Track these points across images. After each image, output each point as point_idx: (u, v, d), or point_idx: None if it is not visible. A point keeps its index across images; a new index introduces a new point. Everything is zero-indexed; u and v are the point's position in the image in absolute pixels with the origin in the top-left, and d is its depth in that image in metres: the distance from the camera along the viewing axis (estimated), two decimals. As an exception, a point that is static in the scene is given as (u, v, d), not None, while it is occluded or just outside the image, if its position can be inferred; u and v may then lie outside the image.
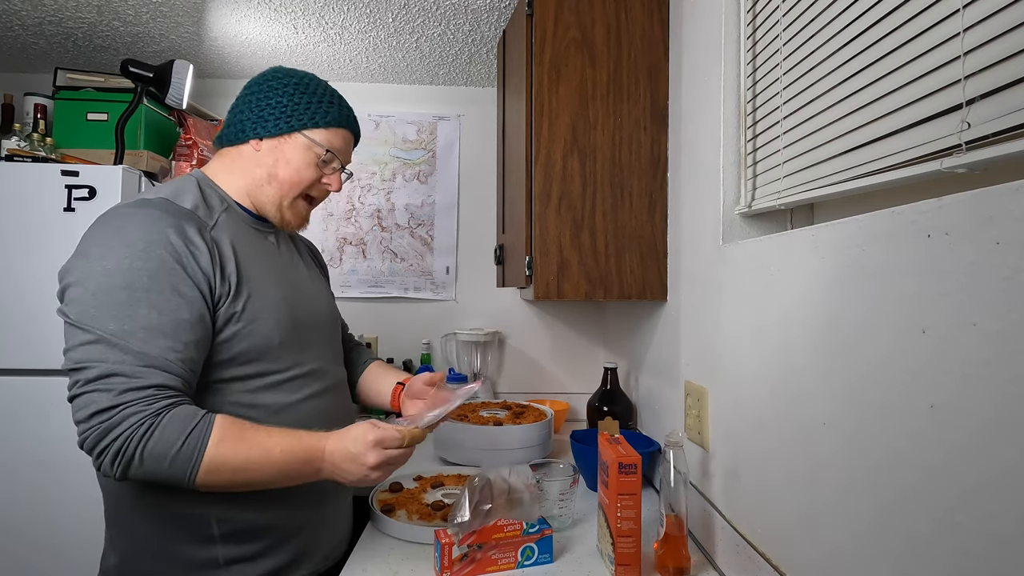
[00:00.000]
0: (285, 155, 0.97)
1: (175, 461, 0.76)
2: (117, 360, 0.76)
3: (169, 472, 0.77)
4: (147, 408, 0.76)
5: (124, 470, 0.76)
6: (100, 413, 0.75)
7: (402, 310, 2.16)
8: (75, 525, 1.39)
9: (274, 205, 0.98)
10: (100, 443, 0.75)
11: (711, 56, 1.08)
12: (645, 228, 1.34)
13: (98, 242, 0.82)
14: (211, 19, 1.70)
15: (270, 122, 0.96)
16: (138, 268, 0.79)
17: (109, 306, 0.78)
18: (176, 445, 0.76)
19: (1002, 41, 0.51)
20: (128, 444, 0.75)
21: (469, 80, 2.14)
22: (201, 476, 0.78)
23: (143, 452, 0.75)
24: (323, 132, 0.98)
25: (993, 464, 0.46)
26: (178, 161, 1.80)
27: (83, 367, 0.77)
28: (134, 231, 0.82)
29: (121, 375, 0.76)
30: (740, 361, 0.94)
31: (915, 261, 0.55)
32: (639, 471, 0.92)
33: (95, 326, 0.77)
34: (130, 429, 0.75)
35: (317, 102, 0.98)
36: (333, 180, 1.01)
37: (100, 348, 0.77)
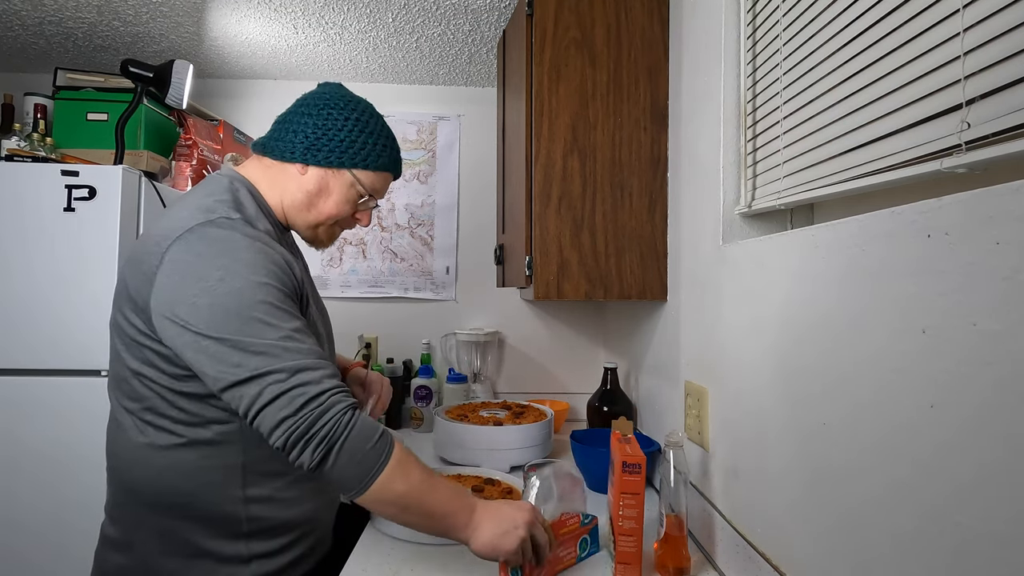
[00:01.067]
0: (328, 188, 0.98)
1: (366, 456, 0.78)
2: (293, 358, 0.78)
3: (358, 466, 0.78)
4: (346, 399, 0.79)
5: (324, 454, 0.76)
6: (311, 400, 0.77)
7: (402, 310, 2.16)
8: (76, 525, 1.39)
9: (308, 227, 1.01)
10: (310, 430, 0.76)
11: (711, 56, 1.08)
12: (645, 228, 1.34)
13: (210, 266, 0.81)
14: (211, 19, 1.70)
15: (322, 153, 0.96)
16: (262, 283, 0.81)
17: (254, 321, 0.79)
18: (370, 441, 0.79)
19: (1002, 41, 0.51)
20: (335, 427, 0.77)
21: (469, 80, 2.14)
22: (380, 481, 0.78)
23: (346, 438, 0.77)
24: (370, 175, 0.99)
25: (993, 464, 0.46)
26: (178, 161, 1.80)
27: (266, 373, 0.77)
28: (242, 251, 0.83)
29: (309, 369, 0.78)
30: (740, 361, 0.94)
31: (915, 261, 0.55)
32: (643, 471, 0.92)
33: (260, 338, 0.78)
34: (338, 414, 0.77)
35: (372, 144, 0.98)
36: (364, 217, 1.05)
37: (271, 357, 0.78)
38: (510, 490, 1.25)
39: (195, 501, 0.87)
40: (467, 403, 1.74)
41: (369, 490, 0.78)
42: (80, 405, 1.40)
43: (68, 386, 1.41)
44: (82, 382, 1.40)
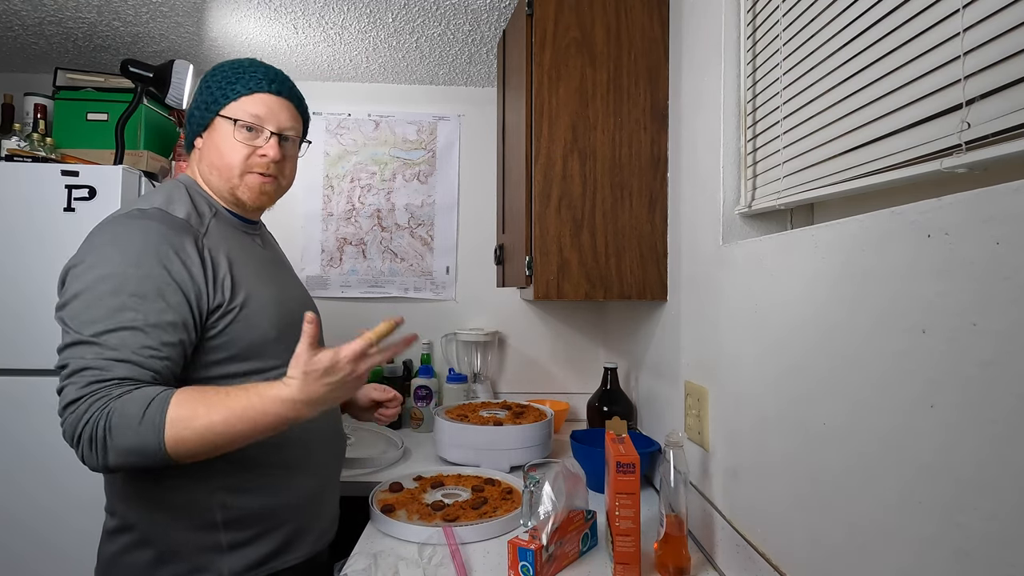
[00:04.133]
0: (214, 142, 0.99)
1: (140, 432, 0.77)
2: (92, 357, 0.80)
3: (139, 445, 0.78)
4: (110, 393, 0.79)
5: (103, 454, 0.78)
6: (70, 404, 0.79)
7: (402, 310, 2.16)
8: (75, 524, 1.39)
9: (227, 190, 1.00)
10: (74, 433, 0.79)
11: (711, 56, 1.08)
12: (645, 228, 1.34)
13: (94, 250, 0.87)
14: (211, 19, 1.70)
15: (197, 117, 1.00)
16: (129, 275, 0.84)
17: (96, 309, 0.82)
18: (138, 417, 0.77)
19: (1002, 41, 0.51)
20: (96, 427, 0.77)
21: (469, 80, 2.14)
22: (169, 442, 0.78)
23: (110, 431, 0.77)
24: (234, 105, 0.98)
25: (994, 464, 0.46)
26: (178, 161, 1.81)
27: (63, 365, 0.81)
28: (129, 241, 0.86)
29: (91, 368, 0.80)
30: (740, 361, 0.94)
31: (915, 261, 0.55)
32: (637, 471, 0.92)
33: (80, 328, 0.81)
34: (95, 413, 0.78)
35: (225, 82, 0.98)
36: (268, 148, 0.99)
37: (80, 348, 0.81)
38: (510, 490, 1.25)
39: (166, 493, 0.90)
40: (467, 403, 1.74)
41: (170, 449, 0.78)
42: (80, 405, 1.40)
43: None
44: (82, 382, 1.40)
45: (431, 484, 1.28)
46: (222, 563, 0.91)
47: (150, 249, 0.85)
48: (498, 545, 1.04)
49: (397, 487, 1.25)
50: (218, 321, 0.90)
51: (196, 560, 0.90)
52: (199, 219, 0.94)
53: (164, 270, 0.85)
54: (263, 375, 0.94)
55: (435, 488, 1.27)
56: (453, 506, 1.15)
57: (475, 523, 1.08)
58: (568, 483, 0.99)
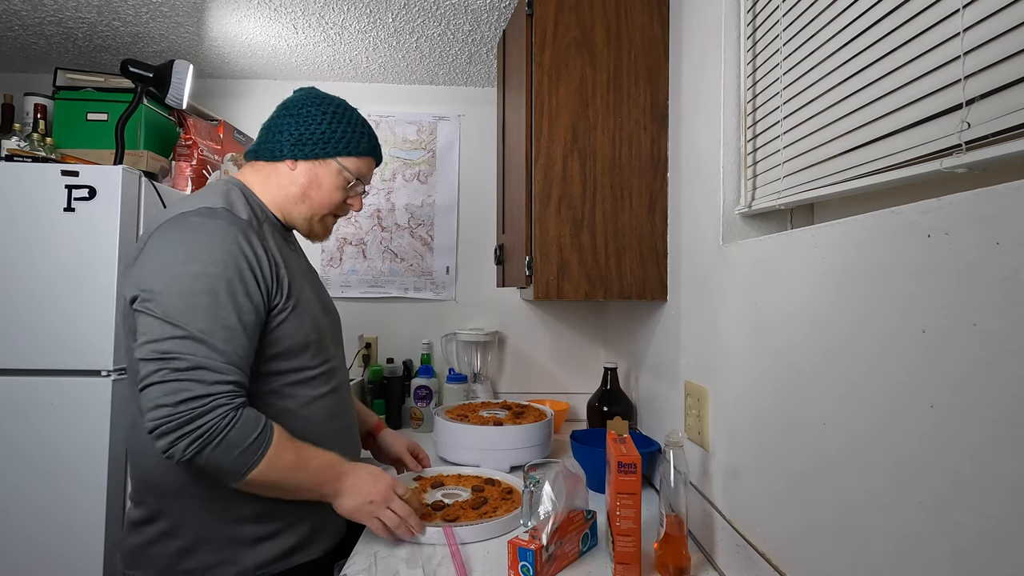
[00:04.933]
0: (318, 178, 1.05)
1: (243, 453, 0.85)
2: (205, 355, 0.85)
3: (233, 462, 0.85)
4: (232, 402, 0.85)
5: (197, 452, 0.83)
6: (192, 400, 0.82)
7: (402, 310, 2.16)
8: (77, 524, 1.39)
9: (305, 220, 1.08)
10: (186, 427, 0.82)
11: (711, 56, 1.08)
12: (645, 228, 1.34)
13: (179, 248, 0.89)
14: (211, 19, 1.70)
15: (307, 146, 1.04)
16: (219, 274, 0.88)
17: (196, 307, 0.86)
18: (249, 438, 0.85)
19: (1002, 41, 0.51)
20: (214, 430, 0.83)
21: (469, 80, 2.14)
22: (257, 471, 0.86)
23: (223, 439, 0.83)
24: (354, 160, 1.07)
25: (993, 464, 0.46)
26: (178, 161, 1.80)
27: (173, 357, 0.84)
28: (211, 239, 0.90)
29: (209, 369, 0.84)
30: (740, 361, 0.94)
31: (915, 261, 0.55)
32: (639, 470, 0.92)
33: (185, 323, 0.85)
34: (218, 418, 0.83)
35: (352, 132, 1.06)
36: (356, 202, 1.12)
37: (189, 343, 0.84)
38: (510, 490, 1.25)
39: (197, 484, 0.92)
40: (467, 403, 1.74)
41: (250, 477, 0.87)
42: (80, 405, 1.40)
43: (68, 386, 1.40)
44: (82, 382, 1.40)
45: (431, 484, 1.28)
46: (247, 555, 0.94)
47: (229, 249, 0.90)
48: (498, 545, 1.04)
49: (397, 487, 1.24)
50: (274, 319, 0.95)
51: (222, 552, 0.93)
52: (258, 222, 1.00)
53: (249, 270, 0.91)
54: (300, 374, 0.99)
55: (435, 488, 1.27)
56: (453, 506, 1.15)
57: (475, 523, 1.08)
58: (568, 483, 0.99)
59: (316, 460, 0.94)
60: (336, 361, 1.10)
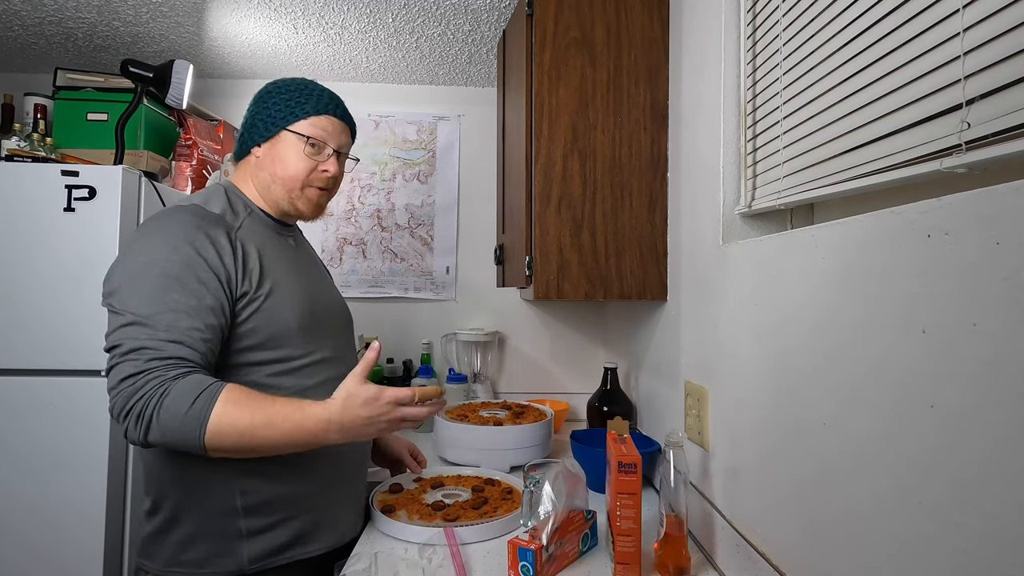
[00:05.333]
0: (277, 153, 1.05)
1: (185, 420, 0.82)
2: (147, 336, 0.85)
3: (181, 431, 0.83)
4: (167, 373, 0.84)
5: (145, 431, 0.83)
6: (127, 379, 0.83)
7: (402, 310, 2.16)
8: (76, 524, 1.39)
9: (286, 200, 1.07)
10: (125, 406, 0.83)
11: (711, 56, 1.08)
12: (645, 228, 1.34)
13: (136, 241, 0.94)
14: (211, 19, 1.70)
15: (260, 128, 1.06)
16: (170, 259, 0.90)
17: (143, 292, 0.88)
18: (187, 405, 0.82)
19: (1002, 41, 0.51)
20: (148, 404, 0.82)
21: (469, 80, 2.14)
22: (209, 436, 0.83)
23: (159, 411, 0.82)
24: (304, 123, 1.05)
25: (993, 464, 0.46)
26: (178, 161, 1.80)
27: (118, 344, 0.86)
28: (167, 230, 0.93)
29: (148, 348, 0.85)
30: (740, 361, 0.94)
31: (915, 261, 0.55)
32: (639, 471, 0.92)
33: (131, 310, 0.87)
34: (151, 391, 0.83)
35: (296, 99, 1.06)
36: (329, 165, 1.07)
37: (134, 328, 0.86)
38: (510, 490, 1.25)
39: (192, 476, 0.94)
40: (467, 403, 1.74)
41: (208, 443, 0.83)
42: (80, 405, 1.40)
43: (68, 386, 1.40)
44: (82, 382, 1.40)
45: (431, 484, 1.28)
46: (241, 549, 0.95)
47: (186, 236, 0.92)
48: (498, 545, 1.04)
49: (397, 487, 1.25)
50: (244, 308, 0.95)
51: (217, 545, 0.94)
52: (234, 216, 1.01)
53: (200, 256, 0.91)
54: (284, 364, 0.99)
55: (435, 488, 1.27)
56: (453, 506, 1.15)
57: (475, 523, 1.08)
58: (568, 483, 0.99)
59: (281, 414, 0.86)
60: (333, 351, 1.07)
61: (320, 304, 1.09)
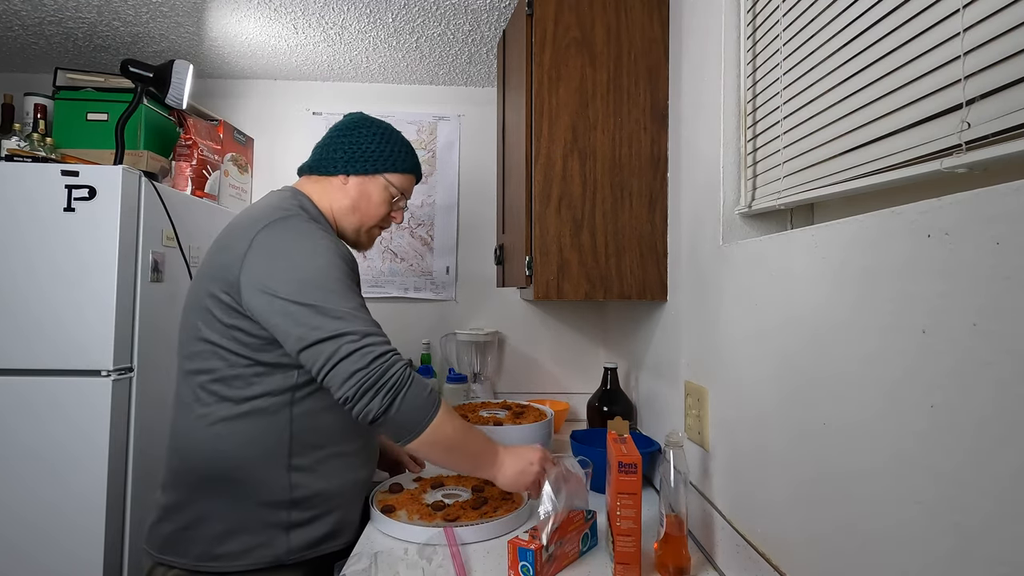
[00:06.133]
0: (368, 192, 1.16)
1: (422, 407, 0.94)
2: (363, 327, 0.94)
3: (416, 413, 0.93)
4: (403, 358, 0.96)
5: (390, 403, 0.91)
6: (379, 357, 0.92)
7: (402, 310, 2.16)
8: (77, 524, 1.39)
9: (354, 231, 1.18)
10: (380, 380, 0.91)
11: (711, 56, 1.08)
12: (645, 228, 1.34)
13: (296, 246, 0.99)
14: (211, 19, 1.70)
15: (359, 163, 1.15)
16: (339, 265, 0.99)
17: (335, 292, 0.95)
18: (423, 394, 0.95)
19: (1002, 41, 0.51)
20: (400, 379, 0.92)
21: (469, 80, 2.14)
22: (433, 425, 0.95)
23: (409, 389, 0.93)
24: (399, 177, 1.18)
25: (994, 465, 0.46)
26: (178, 161, 1.80)
27: (343, 333, 0.92)
28: (320, 239, 1.00)
29: (375, 335, 0.94)
30: (740, 361, 0.94)
31: (915, 261, 0.55)
32: (639, 471, 0.92)
33: (338, 306, 0.94)
34: (401, 369, 0.93)
35: (398, 152, 1.17)
36: (398, 215, 1.23)
37: (346, 322, 0.93)
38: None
39: (246, 468, 0.98)
40: (467, 403, 1.74)
41: (424, 433, 0.94)
42: (80, 405, 1.40)
43: (68, 386, 1.40)
44: (82, 382, 1.40)
45: (431, 484, 1.28)
46: (282, 540, 0.99)
47: (335, 247, 1.01)
48: (498, 545, 1.04)
49: (397, 487, 1.25)
50: None
51: (261, 536, 0.98)
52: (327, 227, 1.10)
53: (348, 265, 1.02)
54: None
55: (435, 488, 1.27)
56: (453, 506, 1.15)
57: (475, 523, 1.08)
58: (568, 483, 0.99)
59: (475, 430, 1.04)
60: None
61: None
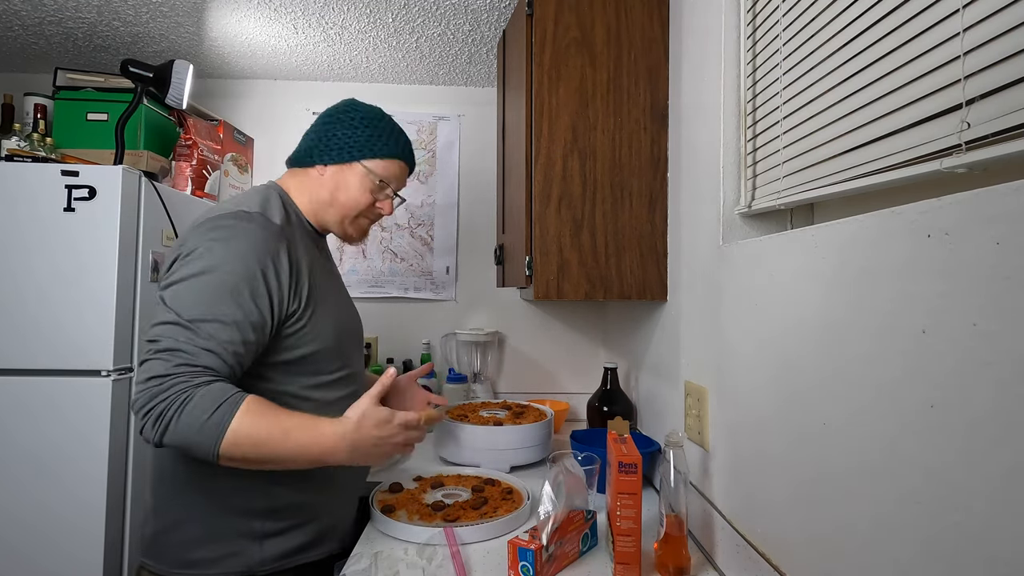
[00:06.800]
0: (345, 181, 1.07)
1: (204, 428, 0.83)
2: (185, 340, 0.86)
3: (198, 439, 0.83)
4: (192, 380, 0.85)
5: (162, 434, 0.83)
6: (154, 378, 0.84)
7: (402, 310, 2.16)
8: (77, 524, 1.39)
9: (337, 223, 1.10)
10: (147, 405, 0.83)
11: (711, 56, 1.08)
12: (645, 228, 1.34)
13: (205, 243, 0.93)
14: (211, 19, 1.70)
15: (333, 151, 1.07)
16: (232, 271, 0.90)
17: (197, 296, 0.88)
18: (208, 413, 0.83)
19: (1002, 41, 0.51)
20: (169, 408, 0.82)
21: (469, 80, 2.14)
22: (225, 445, 0.84)
23: (179, 417, 0.82)
24: (380, 162, 1.09)
25: (993, 464, 0.46)
26: (178, 161, 1.80)
27: (157, 340, 0.86)
28: (236, 241, 0.93)
29: (183, 351, 0.85)
30: (740, 361, 0.94)
31: (915, 261, 0.55)
32: (639, 471, 0.92)
33: (180, 311, 0.87)
34: (174, 395, 0.83)
35: (377, 136, 1.08)
36: (385, 205, 1.13)
37: (175, 328, 0.86)
38: (510, 490, 1.25)
39: (221, 474, 0.93)
40: (467, 403, 1.74)
41: (222, 452, 0.84)
42: (80, 405, 1.40)
43: (68, 386, 1.40)
44: (82, 382, 1.40)
45: (431, 484, 1.28)
46: (255, 550, 0.96)
47: (253, 252, 0.92)
48: (498, 545, 1.04)
49: (397, 487, 1.25)
50: (288, 327, 0.97)
51: (233, 544, 0.95)
52: (289, 227, 1.02)
53: (261, 275, 0.92)
54: (316, 378, 1.01)
55: (435, 488, 1.27)
56: (453, 506, 1.15)
57: (475, 523, 1.08)
58: (568, 483, 0.99)
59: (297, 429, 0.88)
60: (356, 367, 1.12)
61: (349, 320, 1.12)
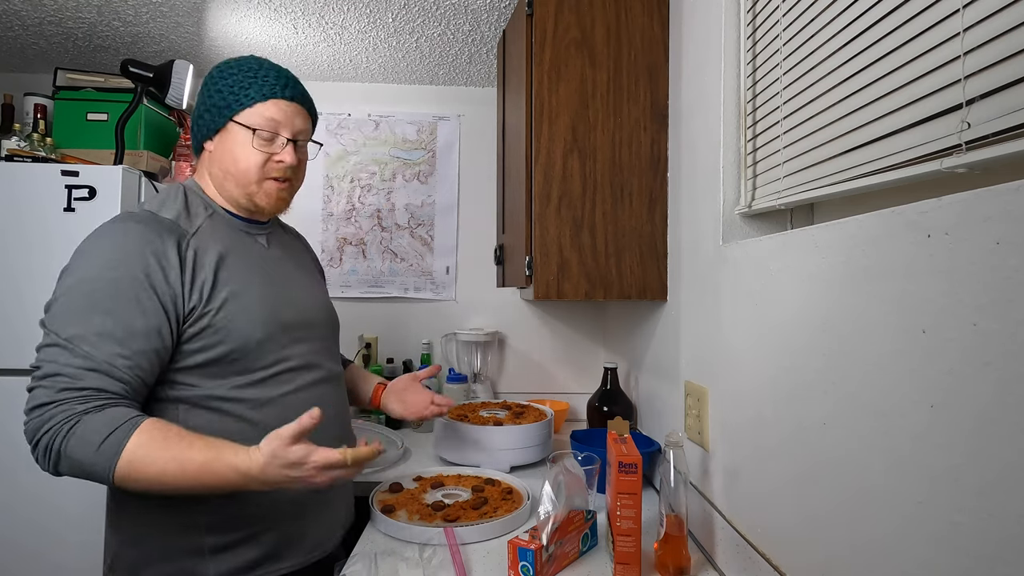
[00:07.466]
0: (226, 148, 0.97)
1: (95, 457, 0.78)
2: (65, 362, 0.80)
3: (91, 466, 0.79)
4: (78, 407, 0.79)
5: (55, 465, 0.80)
6: (38, 408, 0.80)
7: (402, 310, 2.16)
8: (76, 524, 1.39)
9: (243, 197, 0.99)
10: (34, 436, 0.79)
11: (711, 56, 1.08)
12: (645, 228, 1.34)
13: (79, 255, 0.88)
14: (211, 19, 1.70)
15: (207, 120, 0.98)
16: (105, 278, 0.84)
17: (70, 312, 0.83)
18: (97, 443, 0.78)
19: (1002, 41, 0.51)
20: (55, 438, 0.78)
21: (469, 80, 2.14)
22: (119, 477, 0.79)
23: (67, 446, 0.78)
24: (250, 112, 0.96)
25: (993, 464, 0.46)
26: (178, 161, 1.81)
27: (38, 366, 0.82)
28: (110, 245, 0.87)
29: (64, 375, 0.80)
30: (740, 361, 0.94)
31: (915, 261, 0.55)
32: (639, 471, 0.92)
33: (56, 330, 0.82)
34: (58, 424, 0.78)
35: (240, 84, 0.96)
36: (285, 155, 0.98)
37: (54, 351, 0.81)
38: (510, 490, 1.25)
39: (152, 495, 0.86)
40: (467, 403, 1.74)
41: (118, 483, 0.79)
42: (80, 405, 1.40)
43: (68, 386, 1.40)
44: (82, 382, 1.40)
45: (431, 484, 1.28)
46: (205, 567, 0.90)
47: (128, 253, 0.85)
48: (498, 545, 1.04)
49: (397, 487, 1.25)
50: (193, 325, 0.89)
51: (180, 562, 0.90)
52: (189, 220, 0.94)
53: (141, 274, 0.85)
54: (247, 376, 0.93)
55: (435, 488, 1.27)
56: (453, 506, 1.15)
57: (475, 523, 1.08)
58: (568, 483, 0.99)
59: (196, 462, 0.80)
60: (306, 358, 1.01)
61: (293, 308, 1.01)
